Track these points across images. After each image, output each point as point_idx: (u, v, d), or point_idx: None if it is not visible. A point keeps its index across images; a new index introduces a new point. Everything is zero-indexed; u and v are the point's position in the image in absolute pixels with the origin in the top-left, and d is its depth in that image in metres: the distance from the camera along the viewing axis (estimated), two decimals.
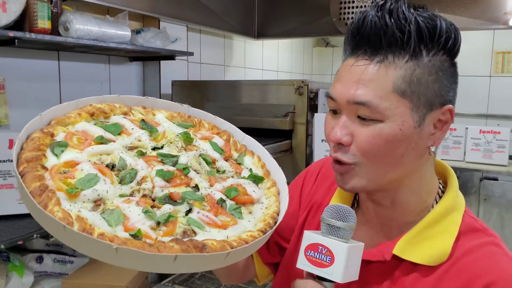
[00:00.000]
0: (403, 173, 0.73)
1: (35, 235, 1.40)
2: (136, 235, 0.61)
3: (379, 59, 0.68)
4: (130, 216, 0.64)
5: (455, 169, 3.95)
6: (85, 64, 2.16)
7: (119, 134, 0.80)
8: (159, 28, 2.36)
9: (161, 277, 2.04)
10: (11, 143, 1.52)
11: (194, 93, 2.59)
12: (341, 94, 0.70)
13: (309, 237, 0.69)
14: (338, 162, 0.74)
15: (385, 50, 0.68)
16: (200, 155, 0.83)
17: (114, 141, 0.78)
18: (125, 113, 0.86)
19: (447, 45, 0.70)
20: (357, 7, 2.99)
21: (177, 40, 2.37)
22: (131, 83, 2.45)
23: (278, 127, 2.28)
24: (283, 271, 0.92)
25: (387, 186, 0.75)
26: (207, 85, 2.67)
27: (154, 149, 0.81)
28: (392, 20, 0.67)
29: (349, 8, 3.05)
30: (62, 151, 0.72)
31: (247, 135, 0.93)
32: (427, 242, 0.74)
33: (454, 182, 0.79)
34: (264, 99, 2.38)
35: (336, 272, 0.65)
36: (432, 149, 0.73)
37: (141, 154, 0.79)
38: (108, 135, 0.78)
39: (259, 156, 0.90)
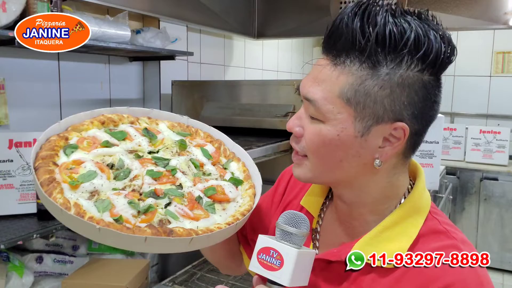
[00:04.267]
0: (346, 177, 0.75)
1: (35, 235, 1.40)
2: (118, 220, 0.75)
3: (338, 62, 0.68)
4: (117, 205, 0.78)
5: (455, 169, 3.97)
6: (85, 64, 2.15)
7: (123, 139, 0.94)
8: (159, 28, 2.36)
9: (161, 277, 2.04)
10: (11, 143, 1.52)
11: (194, 93, 2.59)
12: (302, 88, 0.74)
13: (263, 241, 0.71)
14: (295, 152, 0.79)
15: (345, 53, 0.67)
16: (190, 159, 0.96)
17: (118, 145, 0.92)
18: (132, 122, 1.00)
19: (417, 54, 0.65)
20: None
21: (177, 40, 2.37)
22: (131, 83, 2.45)
23: (278, 127, 2.27)
24: None
25: (334, 184, 0.79)
26: (207, 85, 2.66)
27: (150, 153, 0.94)
28: (358, 22, 0.65)
29: None
30: (72, 152, 0.87)
31: (237, 144, 1.06)
32: (384, 244, 0.73)
33: (420, 183, 0.78)
34: (264, 99, 2.38)
35: (284, 276, 0.67)
36: (377, 162, 0.71)
37: (138, 157, 0.92)
38: (113, 140, 0.92)
39: (244, 162, 1.02)
